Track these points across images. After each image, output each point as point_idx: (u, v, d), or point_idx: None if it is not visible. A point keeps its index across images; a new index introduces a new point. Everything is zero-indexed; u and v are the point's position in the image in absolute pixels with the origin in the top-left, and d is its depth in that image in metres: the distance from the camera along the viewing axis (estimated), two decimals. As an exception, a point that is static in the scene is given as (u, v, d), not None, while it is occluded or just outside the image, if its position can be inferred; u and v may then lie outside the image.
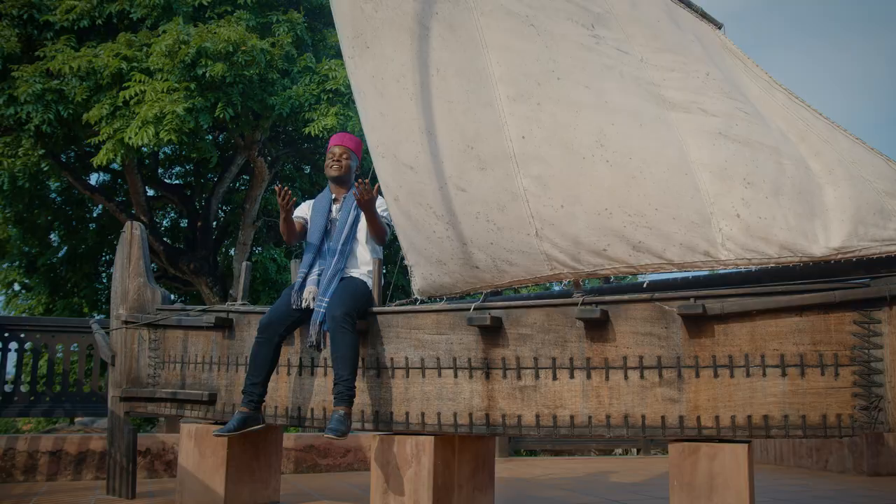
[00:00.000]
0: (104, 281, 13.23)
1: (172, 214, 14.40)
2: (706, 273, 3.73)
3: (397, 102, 3.77)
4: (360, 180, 3.77)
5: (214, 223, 12.82)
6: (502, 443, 7.59)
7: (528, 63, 3.47)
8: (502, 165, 3.49)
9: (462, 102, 3.59)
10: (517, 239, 3.47)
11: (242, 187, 13.22)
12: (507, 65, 3.51)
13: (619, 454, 9.91)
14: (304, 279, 3.86)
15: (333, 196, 4.08)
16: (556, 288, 4.84)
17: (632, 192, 3.23)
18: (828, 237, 2.98)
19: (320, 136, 8.85)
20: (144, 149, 8.17)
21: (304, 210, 4.16)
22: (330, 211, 4.02)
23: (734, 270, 3.66)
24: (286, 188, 3.82)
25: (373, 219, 3.83)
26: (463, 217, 3.57)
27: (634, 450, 8.85)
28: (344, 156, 4.05)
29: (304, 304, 3.79)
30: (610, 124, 3.30)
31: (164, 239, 12.29)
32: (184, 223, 13.62)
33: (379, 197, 3.95)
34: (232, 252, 12.53)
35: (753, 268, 3.12)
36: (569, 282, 3.57)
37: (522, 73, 3.47)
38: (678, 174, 3.18)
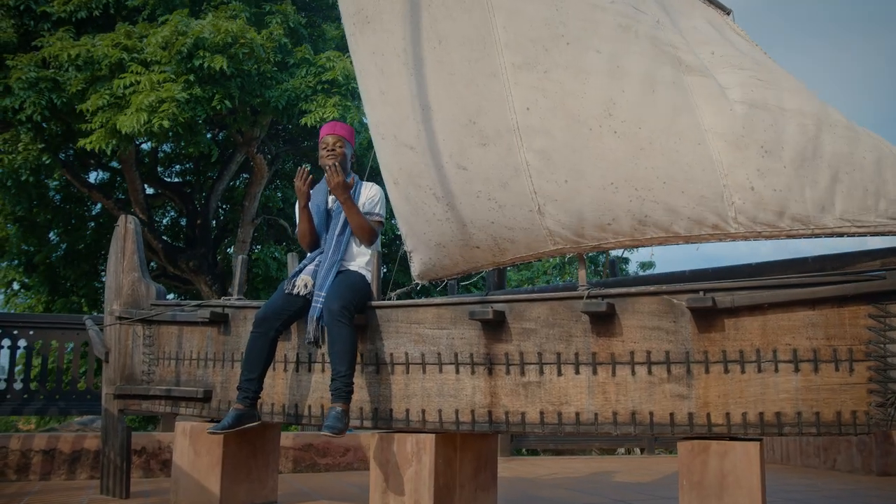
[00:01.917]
0: (103, 279, 13.17)
1: (172, 213, 14.31)
2: (717, 266, 3.63)
3: (398, 79, 3.58)
4: (332, 165, 3.66)
5: (214, 221, 12.73)
6: (504, 442, 7.46)
7: (537, 27, 3.27)
8: (504, 140, 3.32)
9: (465, 74, 3.39)
10: (519, 216, 3.33)
11: (242, 185, 13.13)
12: (514, 29, 3.31)
13: (622, 454, 9.81)
14: (302, 268, 3.77)
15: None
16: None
17: (639, 164, 3.10)
18: (844, 208, 2.84)
19: (318, 126, 8.77)
20: (136, 137, 8.05)
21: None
22: (327, 202, 3.92)
23: (745, 264, 3.55)
24: (307, 168, 3.70)
25: (350, 211, 3.71)
26: (464, 197, 3.42)
27: (638, 449, 8.74)
28: (338, 144, 3.88)
29: (295, 291, 3.69)
30: (620, 91, 3.14)
31: (164, 237, 12.20)
32: (183, 221, 13.54)
33: (373, 197, 3.85)
34: (230, 250, 12.44)
35: (763, 240, 3.00)
36: (571, 255, 3.41)
37: (530, 38, 3.27)
38: (690, 144, 3.05)
